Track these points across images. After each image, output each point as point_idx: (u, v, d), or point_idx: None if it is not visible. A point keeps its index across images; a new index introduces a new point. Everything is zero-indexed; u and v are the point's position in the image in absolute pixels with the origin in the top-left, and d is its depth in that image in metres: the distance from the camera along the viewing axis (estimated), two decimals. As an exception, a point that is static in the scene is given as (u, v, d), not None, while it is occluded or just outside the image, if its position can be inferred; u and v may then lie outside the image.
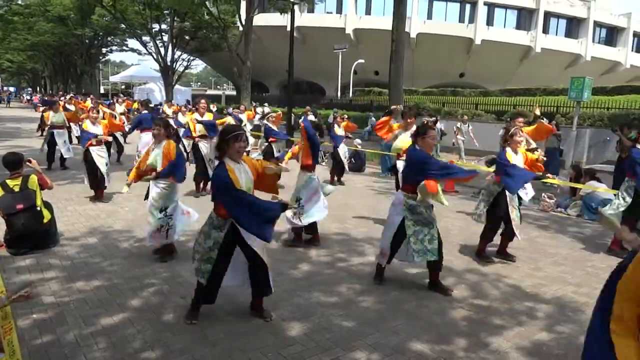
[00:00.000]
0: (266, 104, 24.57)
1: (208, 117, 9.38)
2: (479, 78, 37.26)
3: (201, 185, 9.10)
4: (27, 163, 5.64)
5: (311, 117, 17.15)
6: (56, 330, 3.73)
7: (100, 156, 8.13)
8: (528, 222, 7.83)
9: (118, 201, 8.20)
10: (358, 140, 14.45)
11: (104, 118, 9.91)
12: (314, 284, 4.83)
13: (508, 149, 5.54)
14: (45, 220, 5.56)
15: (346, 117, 12.03)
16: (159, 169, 5.24)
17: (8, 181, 5.48)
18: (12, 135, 18.39)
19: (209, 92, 72.41)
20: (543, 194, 9.11)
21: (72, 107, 17.39)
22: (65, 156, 11.28)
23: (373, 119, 20.03)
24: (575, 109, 12.81)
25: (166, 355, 3.43)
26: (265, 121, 11.81)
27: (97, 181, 8.13)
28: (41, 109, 19.11)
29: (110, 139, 9.49)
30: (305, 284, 4.83)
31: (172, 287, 4.65)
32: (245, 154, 3.91)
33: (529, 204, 9.32)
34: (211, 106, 21.27)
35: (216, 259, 3.74)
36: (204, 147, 9.06)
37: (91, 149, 8.06)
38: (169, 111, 18.20)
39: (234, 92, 51.12)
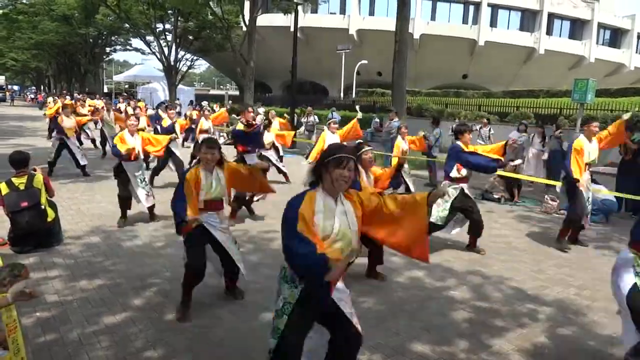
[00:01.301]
0: (261, 108, 24.44)
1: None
2: (482, 79, 37.19)
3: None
4: (33, 172, 5.68)
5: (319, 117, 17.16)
6: (59, 328, 3.75)
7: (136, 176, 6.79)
8: (531, 224, 7.84)
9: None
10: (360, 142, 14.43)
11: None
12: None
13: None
14: (49, 219, 5.60)
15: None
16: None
17: (14, 179, 5.52)
18: (16, 134, 18.47)
19: (212, 92, 72.48)
20: (546, 196, 9.10)
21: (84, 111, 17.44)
22: (81, 163, 10.53)
23: (376, 120, 20.02)
24: (579, 111, 12.77)
25: (168, 354, 3.45)
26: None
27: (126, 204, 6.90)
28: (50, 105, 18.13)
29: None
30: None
31: (174, 286, 4.65)
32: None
33: (531, 205, 9.33)
34: (215, 106, 21.35)
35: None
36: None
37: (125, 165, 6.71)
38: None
39: (237, 92, 51.19)
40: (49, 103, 24.82)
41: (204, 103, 19.90)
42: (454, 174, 5.96)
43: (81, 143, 11.85)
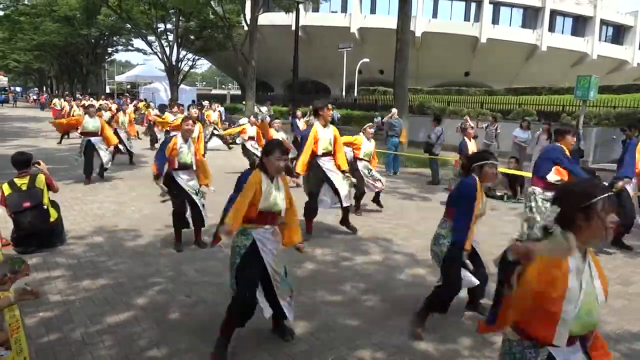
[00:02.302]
0: (263, 108, 24.33)
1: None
2: (484, 77, 37.12)
3: None
4: (36, 165, 5.69)
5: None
6: (62, 328, 3.75)
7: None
8: (533, 222, 7.81)
9: (124, 201, 8.23)
10: None
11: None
12: (319, 283, 4.83)
13: None
14: (52, 219, 5.60)
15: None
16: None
17: (16, 180, 5.53)
18: (19, 135, 18.50)
19: (214, 91, 72.55)
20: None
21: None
22: (106, 166, 10.01)
23: (379, 118, 19.99)
24: (582, 107, 12.73)
25: (171, 353, 3.45)
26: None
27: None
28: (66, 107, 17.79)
29: None
30: (309, 282, 4.83)
31: (177, 286, 4.67)
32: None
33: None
34: (216, 105, 21.32)
35: None
36: None
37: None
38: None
39: (239, 92, 51.20)
40: (54, 104, 24.94)
41: (205, 103, 19.88)
42: (552, 177, 5.27)
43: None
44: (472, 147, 8.88)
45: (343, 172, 6.33)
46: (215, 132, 15.41)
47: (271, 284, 3.44)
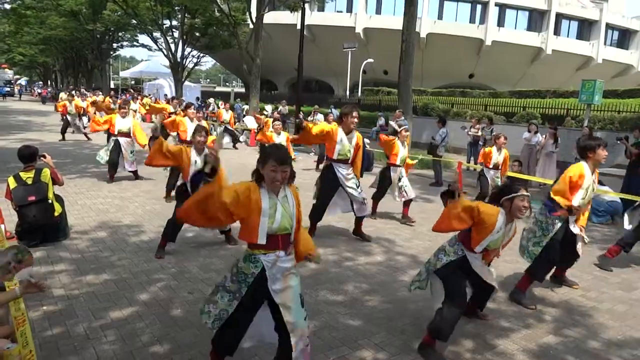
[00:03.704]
0: (267, 107, 24.30)
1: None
2: (489, 79, 37.06)
3: None
4: (42, 158, 5.71)
5: (320, 117, 17.15)
6: (66, 322, 3.77)
7: None
8: (536, 225, 7.80)
9: (127, 196, 8.26)
10: (367, 140, 14.40)
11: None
12: (321, 283, 4.85)
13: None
14: (56, 213, 5.62)
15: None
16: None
17: (21, 173, 5.55)
18: (24, 129, 18.56)
19: (218, 89, 72.62)
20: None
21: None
22: (128, 169, 9.58)
23: (382, 118, 19.99)
24: (586, 111, 12.73)
25: (174, 349, 3.47)
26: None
27: None
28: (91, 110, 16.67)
29: None
30: (311, 282, 4.84)
31: (180, 282, 4.68)
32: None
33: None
34: (220, 104, 21.30)
35: None
36: None
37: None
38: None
39: (242, 90, 51.25)
40: (60, 99, 24.92)
41: (210, 100, 19.90)
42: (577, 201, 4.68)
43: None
44: (499, 157, 8.74)
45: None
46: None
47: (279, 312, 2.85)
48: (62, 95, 25.36)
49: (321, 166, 9.90)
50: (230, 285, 2.90)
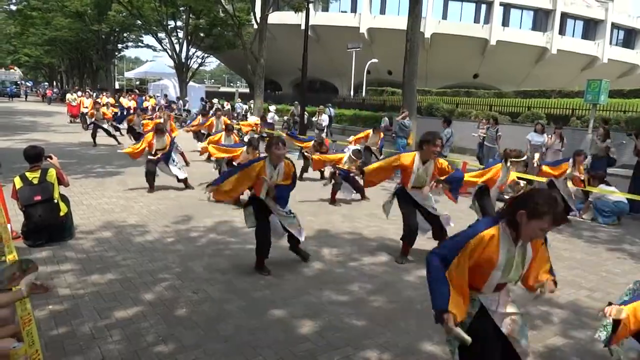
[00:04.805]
0: (271, 107, 24.23)
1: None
2: (493, 79, 36.95)
3: None
4: (48, 159, 5.73)
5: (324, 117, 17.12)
6: (71, 322, 3.79)
7: None
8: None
9: (132, 196, 8.28)
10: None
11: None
12: (325, 283, 4.84)
13: None
14: (61, 213, 5.65)
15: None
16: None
17: (27, 173, 5.58)
18: (29, 129, 18.65)
19: (223, 89, 72.73)
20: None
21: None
22: (180, 177, 9.02)
23: (386, 119, 19.95)
24: (591, 111, 12.66)
25: (178, 349, 3.47)
26: None
27: None
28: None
29: None
30: (316, 282, 4.84)
31: (185, 282, 4.69)
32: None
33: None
34: (225, 104, 21.33)
35: None
36: None
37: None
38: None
39: (247, 90, 51.30)
40: (68, 100, 24.99)
41: (215, 100, 19.94)
42: None
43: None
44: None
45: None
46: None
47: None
48: (69, 96, 25.47)
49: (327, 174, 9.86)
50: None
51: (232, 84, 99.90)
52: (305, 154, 10.36)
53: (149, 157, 8.83)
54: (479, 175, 6.23)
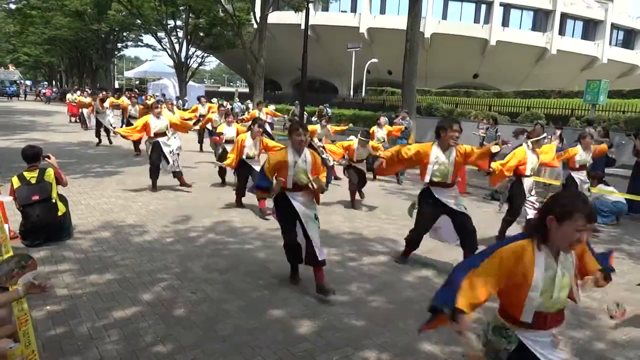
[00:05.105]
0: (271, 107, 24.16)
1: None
2: (493, 79, 36.97)
3: None
4: (46, 159, 5.71)
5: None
6: (69, 322, 3.77)
7: None
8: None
9: (131, 196, 8.27)
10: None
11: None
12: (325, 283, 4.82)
13: None
14: (59, 213, 5.63)
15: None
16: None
17: (25, 173, 5.56)
18: (28, 129, 18.63)
19: (222, 89, 72.75)
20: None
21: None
22: (173, 170, 8.77)
23: (385, 118, 19.93)
24: (591, 112, 12.69)
25: (177, 349, 3.46)
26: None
27: None
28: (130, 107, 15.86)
29: None
30: (315, 282, 4.83)
31: (183, 282, 4.68)
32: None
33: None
34: (224, 103, 21.28)
35: None
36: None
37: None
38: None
39: (247, 90, 51.31)
40: (68, 100, 24.94)
41: (214, 100, 19.93)
42: None
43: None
44: (587, 158, 7.61)
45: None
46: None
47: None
48: (69, 96, 25.42)
49: None
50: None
51: (232, 84, 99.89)
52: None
53: (148, 142, 8.87)
54: (504, 166, 5.98)
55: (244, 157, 7.49)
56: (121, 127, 14.93)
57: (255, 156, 7.59)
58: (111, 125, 15.13)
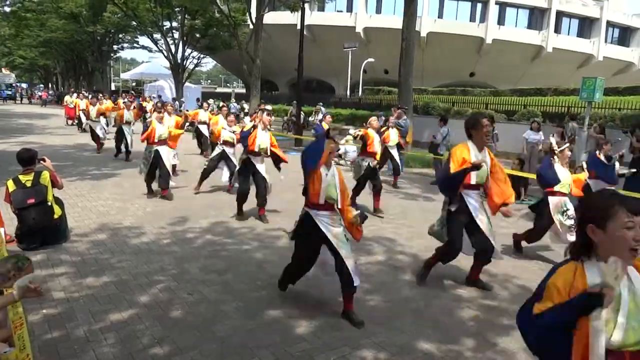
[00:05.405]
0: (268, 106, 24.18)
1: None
2: (490, 77, 37.03)
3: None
4: (41, 162, 5.69)
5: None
6: (66, 325, 3.76)
7: None
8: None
9: (128, 198, 8.25)
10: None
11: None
12: (322, 283, 4.82)
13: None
14: (55, 216, 5.61)
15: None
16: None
17: (20, 176, 5.54)
18: (25, 132, 18.58)
19: (219, 89, 72.69)
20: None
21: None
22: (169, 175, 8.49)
23: (382, 118, 19.93)
24: (587, 109, 12.66)
25: (174, 351, 3.45)
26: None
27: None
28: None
29: None
30: (313, 282, 4.81)
31: (180, 284, 4.67)
32: None
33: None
34: (221, 104, 21.27)
35: None
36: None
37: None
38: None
39: (243, 90, 51.27)
40: (66, 103, 24.84)
41: (210, 101, 19.90)
42: None
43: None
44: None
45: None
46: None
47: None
48: (67, 98, 25.33)
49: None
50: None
51: (228, 85, 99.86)
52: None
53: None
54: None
55: (255, 149, 6.89)
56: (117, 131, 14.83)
57: (267, 150, 6.95)
58: (104, 131, 14.80)
